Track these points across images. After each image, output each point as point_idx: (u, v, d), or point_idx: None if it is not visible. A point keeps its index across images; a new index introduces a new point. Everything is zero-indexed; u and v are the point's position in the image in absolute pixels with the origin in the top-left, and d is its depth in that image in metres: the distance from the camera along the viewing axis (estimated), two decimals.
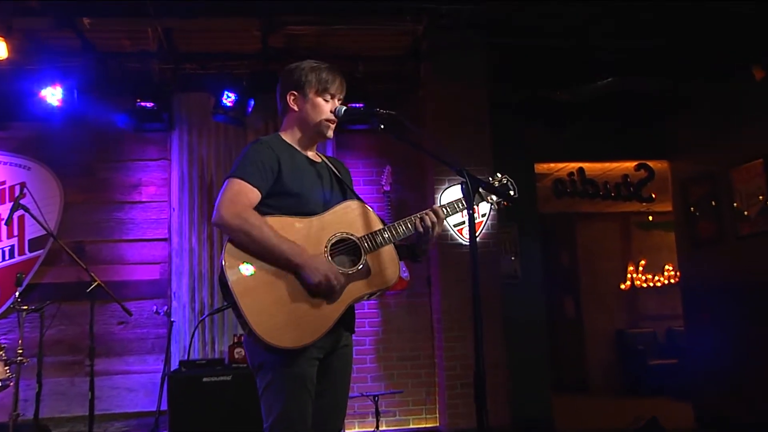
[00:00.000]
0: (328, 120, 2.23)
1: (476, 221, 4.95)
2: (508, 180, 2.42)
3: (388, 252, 2.19)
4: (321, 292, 2.02)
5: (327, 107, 2.22)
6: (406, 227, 2.21)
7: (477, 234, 5.19)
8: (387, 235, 2.17)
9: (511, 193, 2.40)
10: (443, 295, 5.11)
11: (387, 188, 5.17)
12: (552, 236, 8.95)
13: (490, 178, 2.43)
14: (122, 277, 5.21)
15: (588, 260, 9.50)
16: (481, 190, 2.30)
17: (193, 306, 5.16)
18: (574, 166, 6.83)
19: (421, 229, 2.20)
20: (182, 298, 5.16)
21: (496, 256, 5.25)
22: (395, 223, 2.21)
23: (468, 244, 2.01)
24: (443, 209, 2.27)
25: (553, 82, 5.60)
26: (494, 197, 2.34)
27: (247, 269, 1.99)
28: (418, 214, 2.22)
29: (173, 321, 5.00)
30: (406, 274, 5.13)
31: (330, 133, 2.26)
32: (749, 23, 4.78)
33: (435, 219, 2.21)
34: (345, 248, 2.13)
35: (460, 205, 2.27)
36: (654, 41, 5.11)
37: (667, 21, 4.92)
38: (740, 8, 4.61)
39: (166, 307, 5.09)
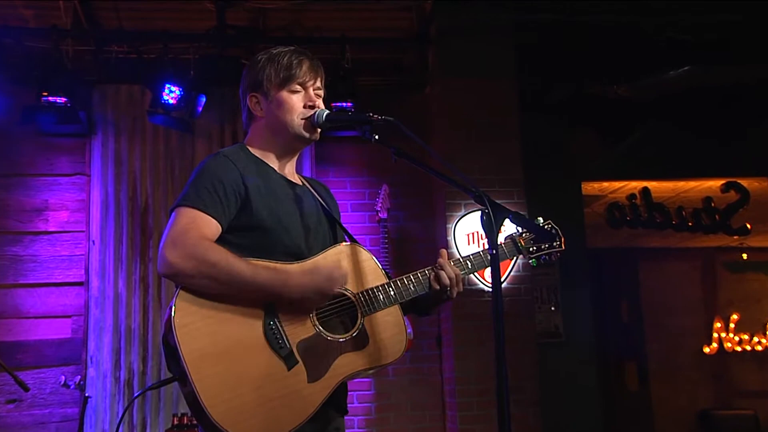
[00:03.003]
0: (304, 118, 2.26)
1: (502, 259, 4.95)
2: (552, 226, 2.45)
3: (393, 315, 2.24)
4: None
5: (297, 101, 2.27)
6: (418, 284, 2.26)
7: (504, 277, 5.27)
8: (393, 293, 2.22)
9: (556, 243, 2.43)
10: (458, 359, 5.16)
11: (383, 215, 5.21)
12: (606, 280, 8.99)
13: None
14: (17, 337, 5.24)
15: (656, 313, 9.53)
16: (516, 236, 2.39)
17: (117, 375, 5.18)
18: (635, 185, 6.92)
19: (437, 287, 2.26)
20: (102, 364, 5.19)
21: (529, 307, 5.32)
22: (403, 278, 2.26)
23: (491, 290, 2.07)
24: (467, 262, 2.33)
25: (607, 73, 5.70)
26: (534, 248, 2.39)
27: (205, 330, 1.99)
28: (433, 268, 2.27)
29: (89, 397, 5.01)
30: (409, 330, 5.17)
31: (314, 135, 2.30)
32: None
33: (454, 276, 2.26)
34: (337, 308, 2.18)
35: (488, 258, 2.30)
36: (748, 15, 5.17)
37: None
38: None
39: (78, 378, 5.10)
